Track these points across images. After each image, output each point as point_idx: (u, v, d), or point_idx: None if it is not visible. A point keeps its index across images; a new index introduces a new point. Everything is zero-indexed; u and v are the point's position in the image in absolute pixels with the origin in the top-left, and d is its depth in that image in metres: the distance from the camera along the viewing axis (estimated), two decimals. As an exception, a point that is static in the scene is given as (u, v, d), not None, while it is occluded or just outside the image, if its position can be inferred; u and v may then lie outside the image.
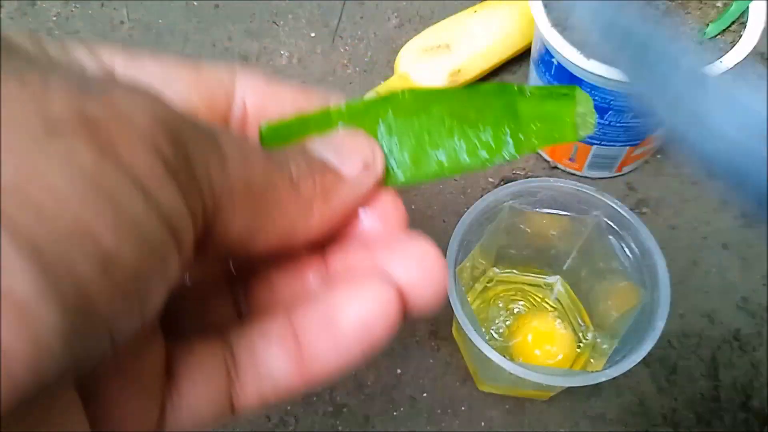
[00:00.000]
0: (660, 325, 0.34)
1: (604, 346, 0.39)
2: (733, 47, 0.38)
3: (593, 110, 0.17)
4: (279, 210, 0.14)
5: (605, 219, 0.38)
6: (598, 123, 0.41)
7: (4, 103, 0.10)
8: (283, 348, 0.15)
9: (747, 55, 0.37)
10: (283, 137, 0.17)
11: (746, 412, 0.40)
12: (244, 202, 0.13)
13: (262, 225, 0.14)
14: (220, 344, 0.15)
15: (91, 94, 0.11)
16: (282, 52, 0.54)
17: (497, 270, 0.43)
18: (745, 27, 0.38)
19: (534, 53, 0.44)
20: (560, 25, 0.39)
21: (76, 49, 0.14)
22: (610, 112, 0.40)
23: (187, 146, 0.12)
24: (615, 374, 0.33)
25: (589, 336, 0.41)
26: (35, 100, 0.10)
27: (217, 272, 0.17)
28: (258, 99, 0.17)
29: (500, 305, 0.42)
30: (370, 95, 0.46)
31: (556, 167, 0.48)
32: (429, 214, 0.46)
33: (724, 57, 0.37)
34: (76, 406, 0.12)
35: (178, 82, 0.16)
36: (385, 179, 0.17)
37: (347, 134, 0.16)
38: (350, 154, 0.16)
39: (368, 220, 0.16)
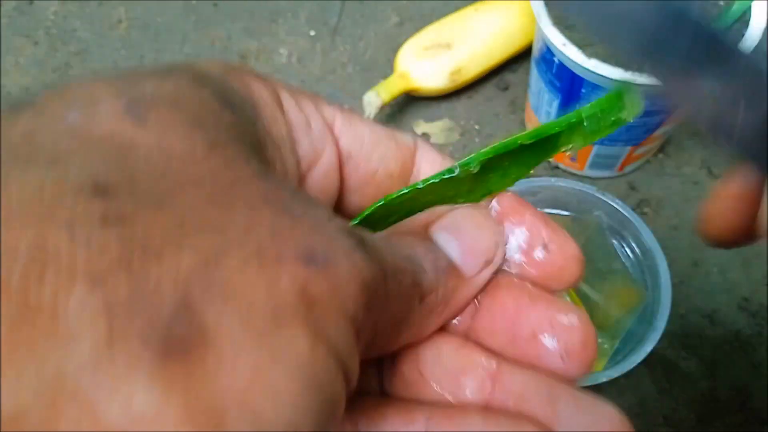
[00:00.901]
0: (661, 325, 0.34)
1: (605, 347, 0.39)
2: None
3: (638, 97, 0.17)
4: (406, 326, 0.14)
5: (606, 219, 0.38)
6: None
7: (241, 292, 0.10)
8: None
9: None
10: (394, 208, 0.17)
11: (746, 412, 0.40)
12: (386, 333, 0.14)
13: (389, 343, 0.14)
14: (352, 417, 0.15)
15: (317, 264, 0.11)
16: (281, 51, 0.54)
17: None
18: (747, 26, 0.38)
19: (535, 52, 0.43)
20: (562, 23, 0.39)
21: (306, 104, 0.15)
22: (611, 112, 0.40)
23: (376, 306, 0.12)
24: (615, 374, 0.33)
25: (590, 336, 0.41)
26: (268, 284, 0.10)
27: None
28: (430, 169, 0.18)
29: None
30: (369, 94, 0.46)
31: (557, 167, 0.48)
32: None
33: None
34: None
35: (383, 148, 0.17)
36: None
37: (473, 220, 0.16)
38: (474, 251, 0.16)
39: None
